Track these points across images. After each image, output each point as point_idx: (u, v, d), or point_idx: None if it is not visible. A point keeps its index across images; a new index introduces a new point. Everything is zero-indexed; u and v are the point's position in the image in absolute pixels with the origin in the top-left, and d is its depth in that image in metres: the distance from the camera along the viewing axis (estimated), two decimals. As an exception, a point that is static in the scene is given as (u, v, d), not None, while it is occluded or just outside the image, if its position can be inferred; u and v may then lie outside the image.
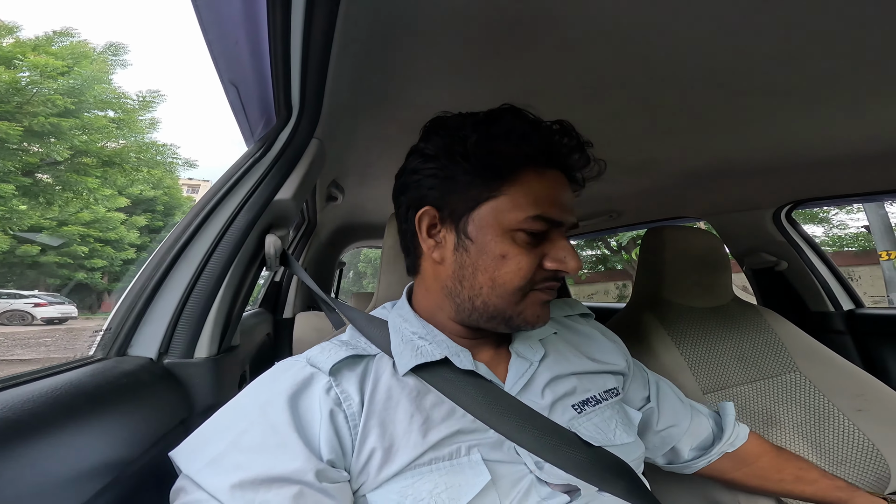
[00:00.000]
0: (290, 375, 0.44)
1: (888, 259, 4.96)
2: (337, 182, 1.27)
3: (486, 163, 0.46)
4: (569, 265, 0.46)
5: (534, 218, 0.45)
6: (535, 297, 0.47)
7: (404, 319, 0.51)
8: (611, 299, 9.55)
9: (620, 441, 0.50)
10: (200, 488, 0.37)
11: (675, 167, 1.16)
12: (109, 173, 7.45)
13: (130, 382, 0.44)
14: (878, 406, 0.92)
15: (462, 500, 0.40)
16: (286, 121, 0.67)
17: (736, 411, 0.67)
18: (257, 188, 0.62)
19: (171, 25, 71.42)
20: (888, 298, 5.04)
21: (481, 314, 0.47)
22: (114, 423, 0.38)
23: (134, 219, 9.63)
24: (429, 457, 0.42)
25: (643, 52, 0.61)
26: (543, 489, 0.44)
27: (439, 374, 0.46)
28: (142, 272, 0.55)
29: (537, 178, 0.46)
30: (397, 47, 0.59)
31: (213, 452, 0.38)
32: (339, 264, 2.53)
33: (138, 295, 0.53)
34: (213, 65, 0.59)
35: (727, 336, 1.04)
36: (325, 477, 0.39)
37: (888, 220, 5.24)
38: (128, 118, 7.58)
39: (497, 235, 0.46)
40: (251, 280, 0.67)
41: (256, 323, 1.39)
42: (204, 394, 0.54)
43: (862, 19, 0.53)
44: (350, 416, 0.42)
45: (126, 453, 0.39)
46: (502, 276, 0.45)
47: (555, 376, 0.51)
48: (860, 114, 0.80)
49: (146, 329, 0.52)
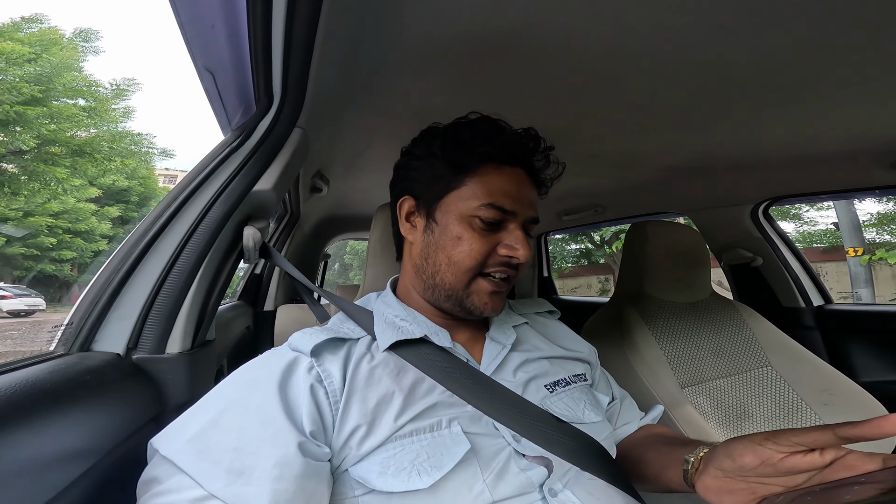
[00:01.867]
0: (275, 361, 0.45)
1: (855, 255, 5.19)
2: (322, 173, 1.24)
3: (454, 158, 0.53)
4: (519, 253, 0.51)
5: (486, 206, 0.51)
6: (484, 285, 0.52)
7: (387, 305, 0.57)
8: (593, 293, 9.71)
9: (589, 420, 0.53)
10: (179, 470, 0.36)
11: (657, 163, 1.18)
12: (79, 163, 7.19)
13: (94, 379, 0.42)
14: (843, 400, 0.96)
15: (444, 467, 0.41)
16: (266, 109, 0.65)
17: (711, 406, 0.69)
18: (234, 178, 0.59)
19: (148, 10, 68.61)
20: (854, 294, 5.27)
21: (441, 292, 0.53)
22: (75, 421, 0.36)
23: (106, 209, 9.26)
24: (409, 428, 0.43)
25: (627, 52, 0.61)
26: (521, 461, 0.46)
27: (419, 352, 0.49)
28: (107, 265, 0.53)
29: (496, 173, 0.53)
30: (387, 35, 0.57)
31: (192, 431, 0.38)
32: (323, 256, 2.49)
33: (103, 288, 0.50)
34: (186, 50, 0.56)
35: (705, 331, 1.07)
36: (307, 451, 0.39)
37: (856, 217, 5.48)
38: (100, 107, 7.32)
39: (456, 220, 0.52)
40: (228, 273, 0.64)
41: (234, 316, 1.36)
42: (177, 390, 0.52)
43: (836, 24, 0.54)
44: (331, 392, 0.44)
45: (90, 453, 0.37)
46: (457, 254, 0.51)
47: (525, 359, 0.56)
48: (833, 114, 0.83)
49: (112, 323, 0.50)
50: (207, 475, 0.35)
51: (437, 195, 0.54)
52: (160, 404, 0.50)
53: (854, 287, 5.22)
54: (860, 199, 6.70)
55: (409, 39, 0.58)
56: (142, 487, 0.37)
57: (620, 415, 0.63)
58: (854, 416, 0.95)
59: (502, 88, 0.73)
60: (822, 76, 0.67)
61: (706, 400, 0.97)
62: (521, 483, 0.44)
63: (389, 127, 0.90)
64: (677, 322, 1.06)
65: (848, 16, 0.53)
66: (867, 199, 6.93)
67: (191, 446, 0.37)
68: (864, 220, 6.48)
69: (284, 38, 0.50)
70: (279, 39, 0.51)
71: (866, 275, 5.19)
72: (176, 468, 0.36)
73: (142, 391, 0.48)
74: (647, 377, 0.93)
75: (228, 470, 0.36)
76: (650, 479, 0.52)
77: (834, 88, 0.72)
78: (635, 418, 0.64)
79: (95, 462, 0.37)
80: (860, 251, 5.13)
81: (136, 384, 0.48)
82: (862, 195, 1.37)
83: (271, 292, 1.81)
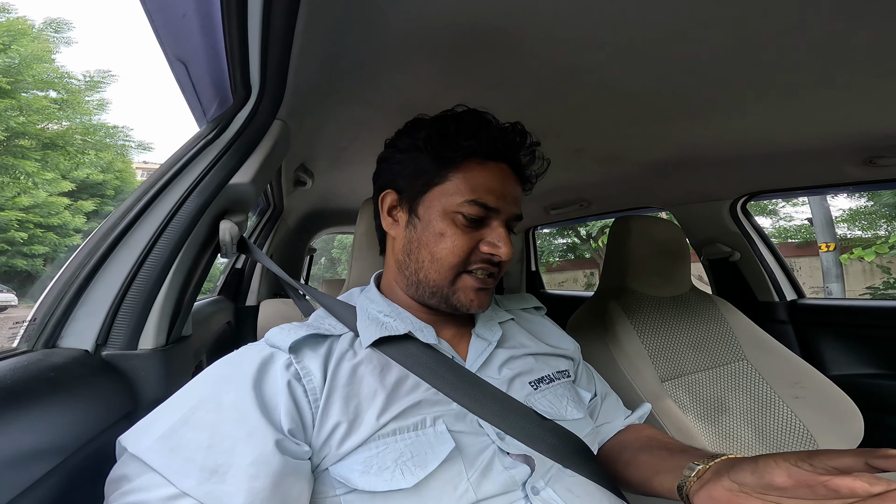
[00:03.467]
0: (250, 357, 0.44)
1: (827, 251, 5.38)
2: (305, 166, 1.21)
3: (438, 152, 0.52)
4: (500, 251, 0.50)
5: (469, 202, 0.50)
6: (468, 281, 0.51)
7: (371, 301, 0.55)
8: (579, 287, 9.85)
9: (571, 417, 0.53)
10: (150, 468, 0.35)
11: (640, 158, 1.20)
12: (51, 156, 6.94)
13: (61, 376, 0.41)
14: (813, 393, 1.00)
15: (429, 466, 0.41)
16: (244, 101, 0.63)
17: (690, 399, 0.70)
18: (209, 171, 0.58)
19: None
20: (825, 289, 5.46)
21: (425, 288, 0.52)
22: (38, 419, 0.35)
23: (80, 204, 8.94)
24: (392, 427, 0.43)
25: (611, 46, 0.61)
26: (506, 459, 0.46)
27: (403, 349, 0.48)
28: (72, 260, 0.51)
29: (480, 168, 0.52)
30: (371, 26, 0.56)
31: (162, 428, 0.37)
32: (309, 251, 2.46)
33: (68, 283, 0.48)
34: (155, 39, 0.54)
35: (684, 325, 1.09)
36: (285, 450, 0.38)
37: (829, 213, 5.67)
38: (72, 99, 7.10)
39: (439, 215, 0.51)
40: (204, 267, 0.63)
41: (214, 311, 1.33)
42: (151, 386, 0.50)
43: (813, 22, 0.55)
44: (310, 390, 0.43)
45: (56, 450, 0.36)
46: (440, 251, 0.51)
47: (511, 356, 0.55)
48: (809, 111, 0.85)
49: (80, 319, 0.48)
50: (179, 473, 0.35)
51: (421, 189, 0.53)
52: (133, 401, 0.48)
53: (825, 282, 5.40)
54: (833, 195, 6.93)
55: (394, 30, 0.58)
56: (110, 486, 0.36)
57: (602, 412, 0.62)
58: (824, 409, 0.98)
59: (488, 81, 0.73)
60: (799, 73, 0.69)
61: (685, 393, 0.99)
62: (505, 481, 0.44)
63: (376, 119, 0.88)
64: (658, 316, 1.08)
65: (825, 14, 0.54)
66: (840, 195, 7.18)
67: (161, 444, 0.36)
68: (836, 216, 6.72)
69: (262, 28, 0.48)
70: (256, 30, 0.49)
71: (837, 270, 5.39)
72: (146, 466, 0.35)
73: (112, 388, 0.46)
74: (629, 371, 0.95)
75: (201, 468, 0.35)
76: (635, 483, 0.50)
77: (811, 86, 0.74)
78: (619, 416, 0.63)
79: (63, 460, 0.36)
80: (832, 247, 5.32)
81: (107, 381, 0.46)
82: (836, 190, 1.42)
83: (253, 287, 1.78)
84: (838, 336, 1.33)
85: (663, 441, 0.55)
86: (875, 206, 6.64)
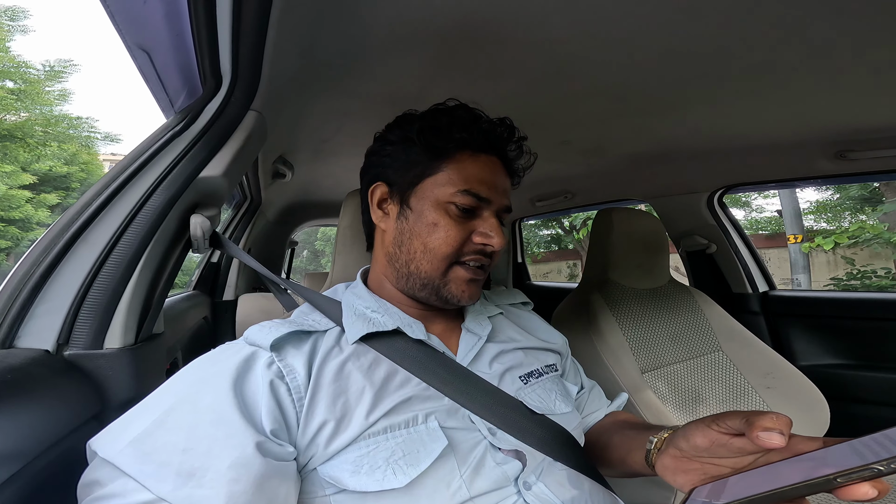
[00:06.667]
0: (229, 357, 0.42)
1: (795, 242, 5.61)
2: (285, 158, 1.18)
3: (431, 144, 0.52)
4: (493, 241, 0.51)
5: (462, 192, 0.51)
6: (460, 272, 0.51)
7: (358, 297, 0.54)
8: (563, 278, 10.00)
9: (560, 411, 0.53)
10: (123, 473, 0.33)
11: (622, 150, 1.21)
12: (10, 148, 6.57)
13: (19, 377, 0.38)
14: (784, 384, 1.04)
15: (421, 465, 0.40)
16: (214, 91, 0.60)
17: (669, 390, 0.72)
18: (177, 164, 0.55)
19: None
20: (793, 280, 5.70)
21: (416, 280, 0.52)
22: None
23: (43, 197, 8.52)
24: (383, 424, 0.42)
25: (597, 39, 0.61)
26: (497, 454, 0.45)
27: (392, 344, 0.48)
28: (27, 256, 0.47)
29: (472, 160, 0.52)
30: (353, 16, 0.54)
31: (135, 432, 0.35)
32: (290, 244, 2.41)
33: (23, 280, 0.45)
34: (112, 26, 0.50)
35: (663, 317, 1.11)
36: (267, 451, 0.37)
37: (798, 206, 5.91)
38: (31, 89, 6.71)
39: (432, 206, 0.51)
40: (175, 263, 0.60)
41: (188, 307, 1.29)
42: (120, 387, 0.48)
43: (788, 18, 0.56)
44: (294, 388, 0.41)
45: (16, 455, 0.34)
46: (432, 241, 0.50)
47: (501, 350, 0.55)
48: (784, 105, 0.87)
49: (38, 318, 0.45)
50: (154, 477, 0.33)
51: (412, 181, 0.53)
52: (101, 403, 0.46)
53: (794, 273, 5.64)
54: (802, 188, 7.21)
55: (378, 21, 0.56)
56: (82, 490, 0.34)
57: (588, 403, 0.64)
58: (792, 399, 1.02)
59: (475, 73, 0.72)
60: (776, 67, 0.70)
61: (664, 384, 1.02)
62: (498, 477, 0.44)
63: (360, 111, 0.86)
64: (638, 308, 1.10)
65: (801, 11, 0.55)
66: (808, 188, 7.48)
67: (134, 448, 0.34)
68: (804, 208, 7.00)
69: (232, 14, 0.46)
70: (226, 16, 0.47)
71: (804, 262, 5.63)
72: (118, 471, 0.33)
73: (77, 389, 0.44)
74: (611, 363, 0.97)
75: (178, 472, 0.34)
76: (615, 464, 0.53)
77: (785, 81, 0.75)
78: (602, 406, 0.65)
79: (25, 465, 0.34)
80: (800, 238, 5.55)
81: (70, 382, 0.44)
82: (808, 184, 1.46)
83: (231, 281, 1.73)
84: (807, 327, 1.39)
85: (633, 422, 0.59)
86: (840, 199, 6.95)
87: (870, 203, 6.47)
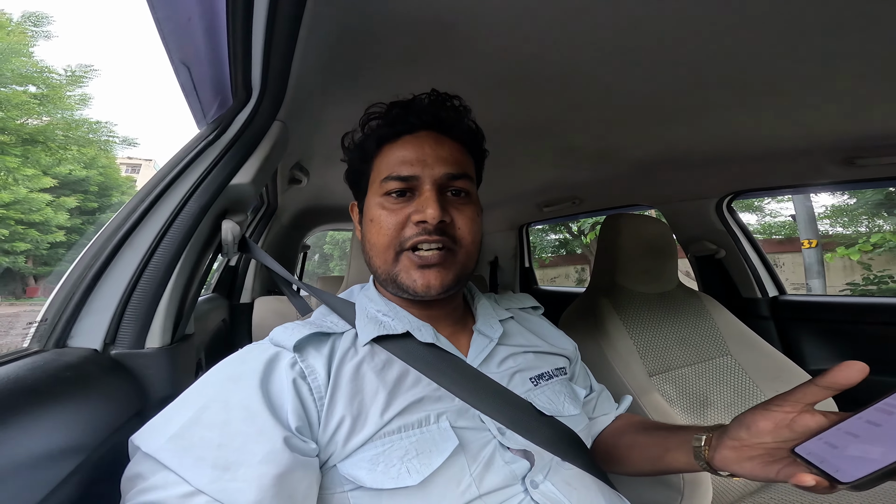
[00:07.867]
0: (255, 356, 0.44)
1: (809, 247, 5.50)
2: (301, 164, 1.22)
3: (363, 149, 0.56)
4: (425, 213, 0.48)
5: (385, 180, 0.51)
6: (405, 261, 0.50)
7: (370, 300, 0.56)
8: (570, 282, 9.93)
9: (568, 413, 0.54)
10: (163, 467, 0.36)
11: (630, 157, 1.22)
12: (32, 152, 6.75)
13: (75, 375, 0.41)
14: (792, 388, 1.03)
15: (433, 464, 0.42)
16: (244, 102, 0.64)
17: (677, 393, 0.72)
18: (210, 172, 0.59)
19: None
20: (806, 285, 5.57)
21: (380, 280, 0.54)
22: (60, 418, 0.36)
23: (63, 200, 8.73)
24: (397, 424, 0.44)
25: (603, 48, 0.63)
26: (506, 454, 0.47)
27: (403, 346, 0.49)
28: (79, 260, 0.51)
29: (394, 147, 0.53)
30: (370, 29, 0.57)
31: (174, 428, 0.38)
32: (302, 248, 2.45)
33: (76, 284, 0.49)
34: (161, 44, 0.54)
35: (671, 321, 1.12)
36: (293, 447, 0.39)
37: (812, 210, 5.80)
38: (53, 94, 6.89)
39: (372, 206, 0.53)
40: (206, 266, 0.64)
41: (210, 309, 1.33)
42: (159, 385, 0.51)
43: (796, 27, 0.58)
44: (315, 388, 0.44)
45: (78, 449, 0.37)
46: (373, 237, 0.52)
47: (511, 353, 0.57)
48: (793, 113, 0.88)
49: (88, 319, 0.49)
50: (192, 471, 0.35)
51: (363, 190, 0.56)
52: (142, 400, 0.49)
53: (807, 278, 5.51)
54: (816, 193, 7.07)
55: (393, 33, 0.59)
56: (126, 484, 0.37)
57: (598, 407, 0.65)
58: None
59: (483, 84, 0.74)
60: (783, 77, 0.72)
61: (672, 387, 1.02)
62: (506, 476, 0.45)
63: None
64: (646, 312, 1.11)
65: (810, 21, 0.56)
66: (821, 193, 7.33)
67: (173, 443, 0.37)
68: (819, 213, 6.87)
69: (266, 33, 0.49)
70: (260, 35, 0.50)
71: (819, 266, 5.52)
72: (159, 464, 0.36)
73: (123, 386, 0.47)
74: (618, 366, 0.97)
75: (213, 465, 0.36)
76: (643, 462, 0.53)
77: (795, 89, 0.77)
78: (611, 409, 0.65)
79: (84, 458, 0.37)
80: (814, 243, 5.44)
81: (117, 379, 0.47)
82: (817, 189, 1.45)
83: (247, 284, 1.78)
84: (817, 332, 1.38)
85: (655, 423, 0.60)
86: (857, 204, 6.79)
87: (885, 207, 6.33)
